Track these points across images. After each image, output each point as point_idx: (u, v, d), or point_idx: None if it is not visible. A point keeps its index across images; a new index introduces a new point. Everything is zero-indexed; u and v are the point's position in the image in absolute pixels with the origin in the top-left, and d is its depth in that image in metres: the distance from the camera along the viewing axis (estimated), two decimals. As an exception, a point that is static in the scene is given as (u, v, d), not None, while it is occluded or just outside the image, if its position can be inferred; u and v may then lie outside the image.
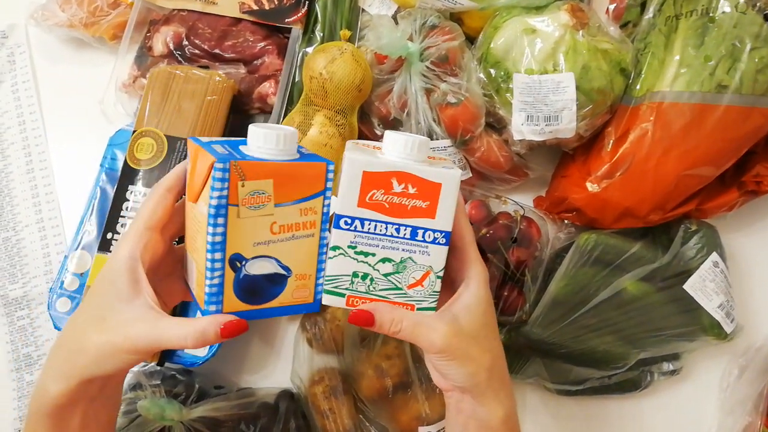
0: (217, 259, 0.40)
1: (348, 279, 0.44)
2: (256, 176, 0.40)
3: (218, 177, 0.38)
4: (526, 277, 0.66)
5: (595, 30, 0.66)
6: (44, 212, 0.76)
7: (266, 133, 0.41)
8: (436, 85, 0.67)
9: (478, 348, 0.44)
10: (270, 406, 0.65)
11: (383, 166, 0.43)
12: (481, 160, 0.69)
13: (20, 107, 0.79)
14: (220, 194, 0.39)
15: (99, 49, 0.79)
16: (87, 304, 0.42)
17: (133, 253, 0.41)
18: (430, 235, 0.44)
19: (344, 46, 0.67)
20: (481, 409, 0.45)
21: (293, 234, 0.42)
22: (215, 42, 0.73)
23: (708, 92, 0.63)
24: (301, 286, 0.43)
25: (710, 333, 0.66)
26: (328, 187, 0.42)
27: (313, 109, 0.69)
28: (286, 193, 0.41)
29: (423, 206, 0.43)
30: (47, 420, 0.42)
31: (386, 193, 0.43)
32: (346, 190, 0.42)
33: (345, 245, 0.43)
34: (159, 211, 0.43)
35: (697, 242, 0.67)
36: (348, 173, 0.42)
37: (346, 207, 0.43)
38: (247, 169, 0.39)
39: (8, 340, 0.73)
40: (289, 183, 0.41)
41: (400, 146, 0.43)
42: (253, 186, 0.40)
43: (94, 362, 0.40)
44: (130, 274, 0.41)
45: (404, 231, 0.44)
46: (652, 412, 0.71)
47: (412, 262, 0.44)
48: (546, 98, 0.63)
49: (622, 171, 0.65)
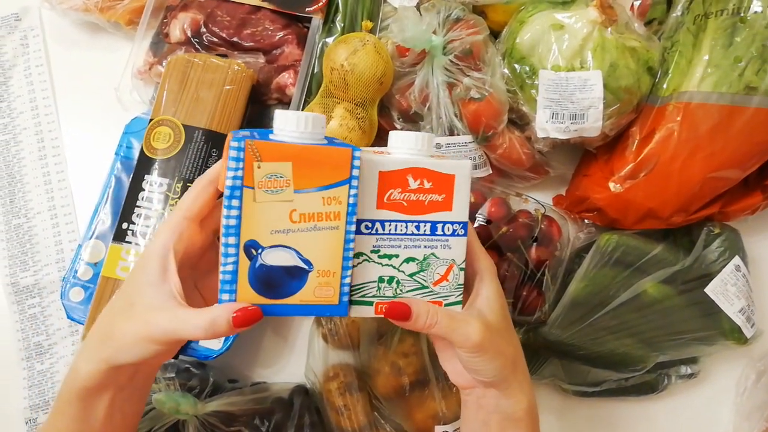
0: (231, 244, 0.38)
1: (374, 285, 0.43)
2: (273, 158, 0.38)
3: (233, 156, 0.37)
4: (546, 276, 0.65)
5: (623, 27, 0.64)
6: (56, 199, 0.75)
7: (288, 115, 0.39)
8: (459, 79, 0.66)
9: (503, 341, 0.45)
10: (284, 401, 0.64)
11: (398, 163, 0.42)
12: (503, 156, 0.68)
13: (33, 92, 0.78)
14: (235, 174, 0.38)
15: (114, 35, 0.77)
16: (121, 290, 0.42)
17: (166, 242, 0.41)
18: (449, 227, 0.44)
19: (366, 37, 0.66)
20: (506, 401, 0.46)
21: (315, 224, 0.40)
22: (234, 30, 0.71)
23: (736, 94, 0.62)
24: (324, 283, 0.41)
25: (730, 337, 0.66)
26: (354, 176, 0.40)
27: (332, 101, 0.67)
28: (308, 179, 0.39)
29: (439, 200, 0.43)
30: (76, 402, 0.42)
31: (403, 191, 0.42)
32: (363, 193, 0.41)
33: (368, 250, 0.42)
34: (198, 202, 0.42)
35: (720, 245, 0.66)
36: (364, 175, 0.41)
37: (366, 210, 0.42)
38: (263, 150, 0.38)
39: (19, 329, 0.72)
40: (311, 168, 0.39)
41: (411, 142, 0.43)
42: (270, 168, 0.38)
43: (119, 349, 0.40)
44: (160, 261, 0.40)
45: (424, 227, 0.43)
46: (667, 415, 0.71)
47: (435, 258, 0.44)
48: (572, 96, 0.62)
49: (646, 171, 0.64)
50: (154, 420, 0.59)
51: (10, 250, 0.74)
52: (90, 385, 0.41)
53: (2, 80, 0.78)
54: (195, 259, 0.43)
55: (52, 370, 0.72)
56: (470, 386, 0.47)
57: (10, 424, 0.71)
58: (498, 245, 0.65)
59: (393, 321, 0.42)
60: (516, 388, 0.46)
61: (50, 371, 0.72)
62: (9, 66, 0.79)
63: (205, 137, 0.65)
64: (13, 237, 0.74)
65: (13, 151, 0.76)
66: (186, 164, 0.64)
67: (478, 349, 0.43)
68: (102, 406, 0.42)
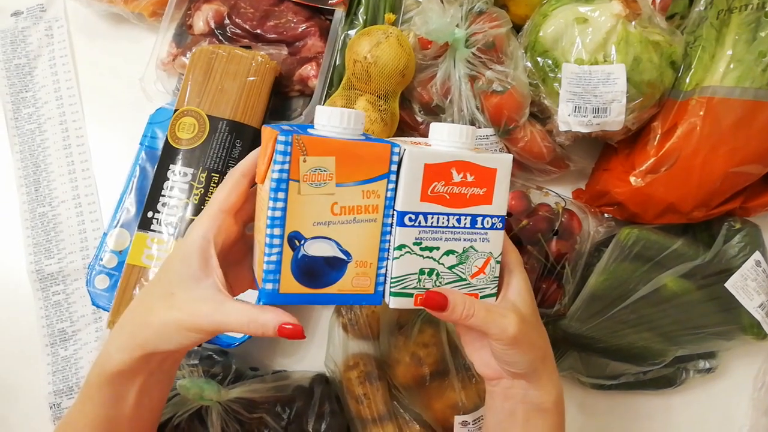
0: (276, 235, 0.40)
1: (415, 277, 0.43)
2: (319, 152, 0.39)
3: (280, 150, 0.38)
4: (566, 270, 0.66)
5: (646, 21, 0.64)
6: (80, 188, 0.76)
7: (331, 111, 0.41)
8: (481, 72, 0.66)
9: (536, 333, 0.45)
10: (305, 390, 0.65)
11: (443, 156, 0.42)
12: (524, 150, 0.69)
13: (57, 82, 0.79)
14: (282, 167, 0.39)
15: (138, 26, 0.78)
16: (157, 279, 0.43)
17: (206, 234, 0.41)
18: (489, 221, 0.44)
19: (389, 30, 0.66)
20: (536, 392, 0.46)
21: (354, 217, 0.41)
22: (257, 22, 0.72)
23: (760, 89, 0.62)
24: (361, 273, 0.42)
25: (749, 332, 0.66)
26: (392, 171, 0.41)
27: (355, 93, 0.68)
28: (349, 173, 0.40)
29: (480, 193, 0.44)
30: (106, 388, 0.42)
31: (447, 184, 0.43)
32: (408, 185, 0.42)
33: (410, 242, 0.43)
34: (234, 195, 0.43)
35: (740, 241, 0.66)
36: (410, 167, 0.41)
37: (410, 202, 0.42)
38: (309, 144, 0.39)
39: (43, 315, 0.73)
40: (352, 162, 0.40)
41: (456, 135, 0.44)
42: (315, 162, 0.39)
43: (158, 336, 0.40)
44: (202, 253, 0.41)
45: (465, 220, 0.44)
46: (685, 410, 0.71)
47: (473, 251, 0.44)
48: (595, 89, 0.62)
49: (667, 166, 0.64)
50: (178, 405, 0.60)
51: (35, 237, 0.75)
52: (123, 370, 0.42)
53: (27, 70, 0.79)
54: (228, 251, 0.44)
55: (75, 356, 0.73)
56: (498, 377, 0.47)
57: (35, 409, 0.72)
58: (518, 238, 0.66)
59: (430, 311, 0.43)
60: (546, 379, 0.46)
61: (74, 357, 0.73)
62: (34, 56, 0.80)
63: (229, 128, 0.65)
64: (37, 225, 0.75)
65: (38, 141, 0.77)
66: (210, 154, 0.65)
67: (513, 342, 0.43)
68: (133, 390, 0.43)
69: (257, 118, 0.68)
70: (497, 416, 0.48)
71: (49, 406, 0.72)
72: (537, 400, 0.46)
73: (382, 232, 0.42)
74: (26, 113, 0.78)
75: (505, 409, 0.48)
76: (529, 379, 0.46)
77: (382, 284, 0.43)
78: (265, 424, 0.62)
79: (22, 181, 0.76)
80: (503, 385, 0.47)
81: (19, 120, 0.78)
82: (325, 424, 0.64)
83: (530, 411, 0.47)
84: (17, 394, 0.72)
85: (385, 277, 0.43)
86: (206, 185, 0.64)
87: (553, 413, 0.47)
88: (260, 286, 0.41)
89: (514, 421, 0.47)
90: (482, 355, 0.48)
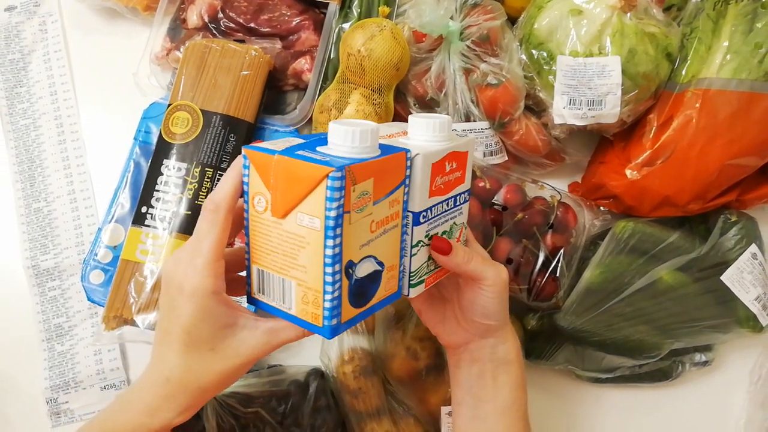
0: (337, 271, 0.38)
1: (426, 265, 0.46)
2: (363, 178, 0.38)
3: (336, 186, 0.35)
4: (561, 263, 0.65)
5: (642, 13, 0.64)
6: (75, 183, 0.76)
7: (361, 132, 0.38)
8: (476, 65, 0.66)
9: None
10: (300, 384, 0.65)
11: (442, 152, 0.44)
12: (519, 143, 0.68)
13: (52, 77, 0.79)
14: (339, 203, 0.36)
15: (132, 20, 0.78)
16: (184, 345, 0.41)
17: (216, 287, 0.41)
18: (462, 197, 0.49)
19: (383, 23, 0.66)
20: (503, 346, 0.50)
21: (384, 229, 0.42)
22: (251, 16, 0.71)
23: (756, 80, 0.61)
24: (390, 277, 0.44)
25: (745, 325, 0.65)
26: (408, 175, 0.42)
27: (349, 86, 0.68)
28: (380, 189, 0.40)
29: (459, 175, 0.47)
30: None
31: (443, 175, 0.45)
32: (422, 186, 0.43)
33: (423, 237, 0.45)
34: (225, 238, 0.41)
35: (736, 233, 0.66)
36: (423, 170, 0.42)
37: (422, 202, 0.43)
38: (357, 173, 0.37)
39: (40, 311, 0.73)
40: (383, 178, 0.40)
41: (446, 129, 0.45)
42: (361, 188, 0.38)
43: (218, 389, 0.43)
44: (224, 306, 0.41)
45: (451, 202, 0.47)
46: (681, 403, 0.71)
47: (455, 225, 0.49)
48: (590, 82, 0.62)
49: (663, 159, 0.64)
50: (173, 400, 0.60)
51: (31, 233, 0.75)
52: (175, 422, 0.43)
53: (21, 66, 0.79)
54: None
55: (72, 351, 0.73)
56: (465, 342, 0.50)
57: (32, 404, 0.72)
58: (513, 231, 0.65)
59: (435, 255, 0.46)
60: (509, 332, 0.51)
61: (70, 352, 0.73)
62: (28, 51, 0.79)
63: (223, 122, 0.65)
64: (33, 221, 0.75)
65: (33, 136, 0.77)
66: (204, 149, 0.65)
67: (504, 287, 0.48)
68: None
69: (251, 113, 0.67)
70: (467, 383, 0.51)
71: (45, 401, 0.72)
72: (503, 354, 0.50)
73: (402, 233, 0.44)
74: (21, 108, 0.78)
75: (473, 374, 0.50)
76: (497, 333, 0.50)
77: (401, 279, 0.45)
78: (260, 418, 0.62)
79: (17, 176, 0.76)
80: (470, 350, 0.50)
81: (14, 115, 0.78)
82: (320, 418, 0.64)
83: (497, 368, 0.50)
84: (14, 390, 0.73)
85: (403, 273, 0.45)
86: (200, 180, 0.64)
87: (516, 364, 0.51)
88: (320, 324, 0.39)
89: (484, 383, 0.50)
90: (447, 326, 0.51)
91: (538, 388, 0.70)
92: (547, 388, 0.71)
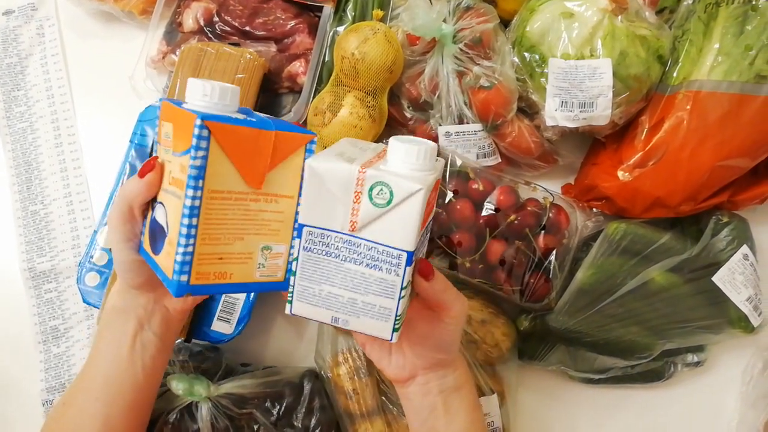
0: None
1: (407, 303, 0.42)
2: (166, 118, 0.43)
3: (158, 114, 0.42)
4: (553, 264, 0.66)
5: (633, 15, 0.65)
6: (72, 186, 0.77)
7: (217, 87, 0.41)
8: (469, 68, 0.67)
9: None
10: (295, 385, 0.65)
11: (433, 182, 0.40)
12: (512, 145, 0.69)
13: (49, 81, 0.79)
14: (157, 134, 0.43)
15: (128, 24, 0.79)
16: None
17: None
18: (430, 224, 0.47)
19: (377, 26, 0.67)
20: (452, 375, 0.49)
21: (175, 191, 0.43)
22: (246, 19, 0.72)
23: (747, 82, 0.62)
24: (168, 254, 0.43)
25: (737, 326, 0.66)
26: (193, 145, 0.38)
27: (343, 89, 0.68)
28: (178, 142, 0.43)
29: (432, 204, 0.43)
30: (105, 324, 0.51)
31: (428, 206, 0.41)
32: (418, 223, 0.38)
33: (410, 275, 0.41)
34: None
35: (728, 234, 0.66)
36: (422, 205, 0.38)
37: (417, 239, 0.39)
38: (165, 109, 0.44)
39: (36, 313, 0.74)
40: (179, 132, 0.41)
41: (434, 155, 0.41)
42: (165, 128, 0.44)
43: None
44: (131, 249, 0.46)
45: (426, 232, 0.44)
46: (673, 403, 0.71)
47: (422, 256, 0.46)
48: (582, 84, 0.62)
49: (655, 160, 0.65)
50: (168, 401, 0.61)
51: (27, 236, 0.75)
52: (116, 306, 0.50)
53: (19, 69, 0.80)
54: None
55: (68, 353, 0.73)
56: (411, 376, 0.49)
57: (28, 406, 0.72)
58: (506, 233, 0.66)
59: (417, 280, 0.43)
60: (459, 359, 0.50)
61: (66, 354, 0.73)
62: (25, 55, 0.80)
63: (218, 125, 0.66)
64: (30, 223, 0.76)
65: (30, 139, 0.78)
66: (199, 151, 0.65)
67: (464, 320, 0.47)
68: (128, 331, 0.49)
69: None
70: (420, 416, 0.50)
71: (41, 403, 0.72)
72: (453, 383, 0.49)
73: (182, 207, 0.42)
74: (18, 112, 0.78)
75: (425, 406, 0.49)
76: (449, 365, 0.49)
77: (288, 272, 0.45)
78: (254, 419, 0.62)
79: (14, 179, 0.77)
80: (419, 382, 0.49)
81: (11, 119, 0.78)
82: (314, 419, 0.64)
83: (448, 396, 0.49)
84: (10, 392, 0.73)
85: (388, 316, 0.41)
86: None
87: (466, 388, 0.50)
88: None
89: (437, 415, 0.49)
90: (395, 360, 0.49)
91: (530, 388, 0.71)
92: (540, 388, 0.71)
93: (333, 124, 0.67)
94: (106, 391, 0.49)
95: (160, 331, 0.51)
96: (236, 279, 0.42)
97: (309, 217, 0.40)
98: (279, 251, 0.44)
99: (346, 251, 0.40)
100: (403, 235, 0.39)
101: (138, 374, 0.50)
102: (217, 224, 0.40)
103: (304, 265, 0.41)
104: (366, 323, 0.41)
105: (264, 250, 0.43)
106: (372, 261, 0.40)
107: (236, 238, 0.42)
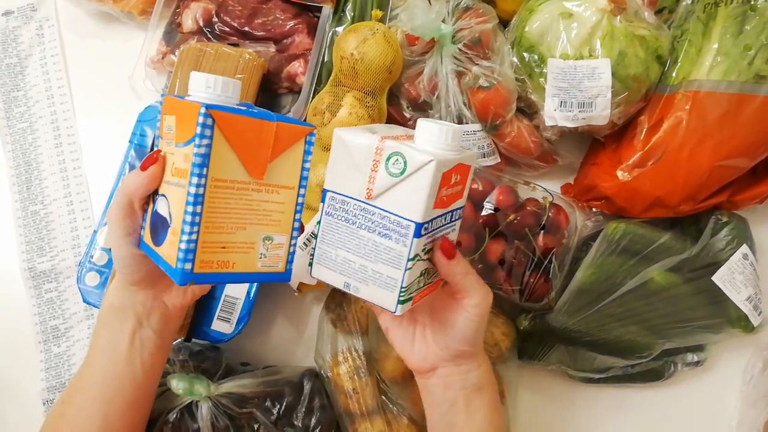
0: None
1: (417, 280, 0.43)
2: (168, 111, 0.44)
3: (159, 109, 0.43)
4: (553, 264, 0.66)
5: (632, 15, 0.65)
6: (72, 186, 0.77)
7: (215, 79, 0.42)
8: (468, 68, 0.67)
9: None
10: (295, 384, 0.65)
11: (452, 162, 0.41)
12: (511, 145, 0.69)
13: (48, 81, 0.79)
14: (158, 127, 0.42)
15: (127, 24, 0.79)
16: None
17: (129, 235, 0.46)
18: (458, 213, 0.46)
19: (376, 26, 0.67)
20: (476, 373, 0.49)
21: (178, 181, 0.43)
22: (245, 20, 0.72)
23: (746, 82, 0.62)
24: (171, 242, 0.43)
25: (737, 325, 0.66)
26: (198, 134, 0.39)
27: (342, 89, 0.68)
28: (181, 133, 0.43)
29: (459, 190, 0.44)
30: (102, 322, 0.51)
31: (447, 188, 0.42)
32: (428, 196, 0.39)
33: (421, 250, 0.42)
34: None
35: (728, 234, 0.66)
36: (432, 177, 0.39)
37: (427, 212, 0.40)
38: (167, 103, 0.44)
39: (36, 312, 0.74)
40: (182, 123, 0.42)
41: (458, 138, 0.42)
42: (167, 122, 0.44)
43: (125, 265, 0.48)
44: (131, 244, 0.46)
45: (448, 217, 0.44)
46: (673, 403, 0.71)
47: None
48: (581, 84, 0.63)
49: (654, 160, 0.65)
50: (168, 400, 0.61)
51: (28, 236, 0.75)
52: (113, 304, 0.49)
53: (19, 70, 0.80)
54: None
55: (68, 353, 0.73)
56: (433, 368, 0.49)
57: (29, 406, 0.72)
58: (506, 232, 0.66)
59: (438, 257, 0.43)
60: (482, 357, 0.50)
61: (66, 354, 0.73)
62: (25, 56, 0.80)
63: (217, 125, 0.66)
64: (30, 223, 0.76)
65: (30, 139, 0.78)
66: (198, 152, 0.65)
67: (487, 311, 0.46)
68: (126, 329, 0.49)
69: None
70: (440, 409, 0.50)
71: (42, 403, 0.72)
72: (476, 381, 0.48)
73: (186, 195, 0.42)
74: (18, 112, 0.78)
75: (446, 400, 0.49)
76: (471, 358, 0.48)
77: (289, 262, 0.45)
78: (254, 418, 0.62)
79: (14, 180, 0.77)
80: (441, 374, 0.49)
81: (11, 119, 0.78)
82: (314, 418, 0.64)
83: (470, 394, 0.48)
84: (11, 391, 0.73)
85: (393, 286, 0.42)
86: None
87: (489, 389, 0.49)
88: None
89: (457, 410, 0.49)
90: (416, 348, 0.49)
91: (530, 388, 0.71)
92: (540, 388, 0.71)
93: (332, 125, 0.67)
94: (104, 389, 0.49)
95: (159, 328, 0.51)
96: (238, 268, 0.43)
97: (332, 183, 0.42)
98: (280, 242, 0.44)
99: (362, 218, 0.42)
100: (413, 206, 0.40)
101: (137, 372, 0.50)
102: (221, 213, 0.41)
103: (325, 229, 0.43)
104: (373, 292, 0.43)
105: (265, 240, 0.43)
106: (384, 230, 0.41)
107: (239, 227, 0.42)
